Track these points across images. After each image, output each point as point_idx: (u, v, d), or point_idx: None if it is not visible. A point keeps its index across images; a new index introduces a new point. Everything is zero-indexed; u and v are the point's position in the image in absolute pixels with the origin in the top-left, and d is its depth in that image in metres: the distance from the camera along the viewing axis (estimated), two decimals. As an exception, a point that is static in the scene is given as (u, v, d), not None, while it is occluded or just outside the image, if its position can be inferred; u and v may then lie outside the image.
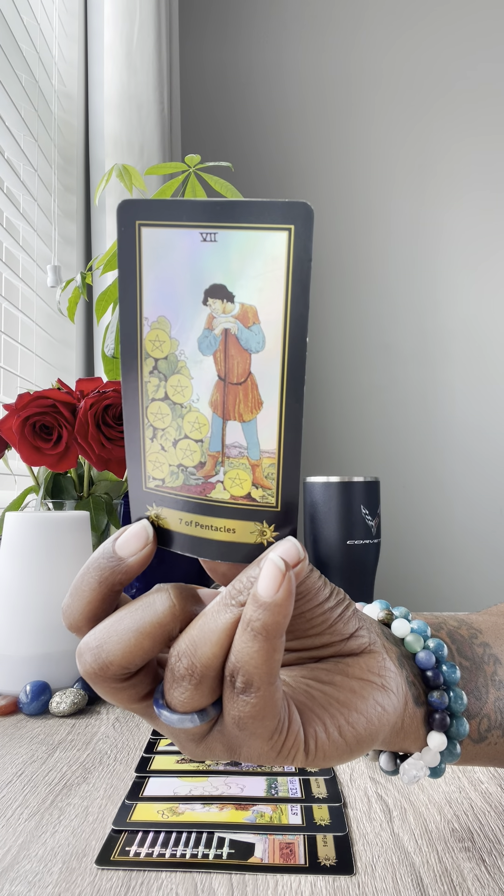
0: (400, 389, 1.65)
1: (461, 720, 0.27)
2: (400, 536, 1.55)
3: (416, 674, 0.28)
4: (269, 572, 0.21)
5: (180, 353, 0.23)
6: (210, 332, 0.22)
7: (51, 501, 0.71)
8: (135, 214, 0.22)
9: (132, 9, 1.19)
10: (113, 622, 0.23)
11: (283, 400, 0.22)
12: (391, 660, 0.26)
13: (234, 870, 0.30)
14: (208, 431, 0.23)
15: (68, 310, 0.79)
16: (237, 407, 0.22)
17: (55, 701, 0.52)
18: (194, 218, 0.21)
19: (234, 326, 0.22)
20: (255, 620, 0.21)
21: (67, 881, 0.30)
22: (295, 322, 0.21)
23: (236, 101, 1.68)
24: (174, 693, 0.22)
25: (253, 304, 0.21)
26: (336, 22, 1.69)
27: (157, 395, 0.24)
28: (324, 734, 0.24)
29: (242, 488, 0.23)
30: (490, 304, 1.65)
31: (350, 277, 1.66)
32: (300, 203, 0.20)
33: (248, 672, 0.21)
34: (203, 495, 0.24)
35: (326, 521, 0.69)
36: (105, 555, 0.24)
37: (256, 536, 0.23)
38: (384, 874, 0.30)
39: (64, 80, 1.19)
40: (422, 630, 0.29)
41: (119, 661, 0.22)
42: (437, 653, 0.28)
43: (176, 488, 0.24)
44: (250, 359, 0.22)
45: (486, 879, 0.30)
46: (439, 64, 1.68)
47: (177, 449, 0.24)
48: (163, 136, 1.23)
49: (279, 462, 0.22)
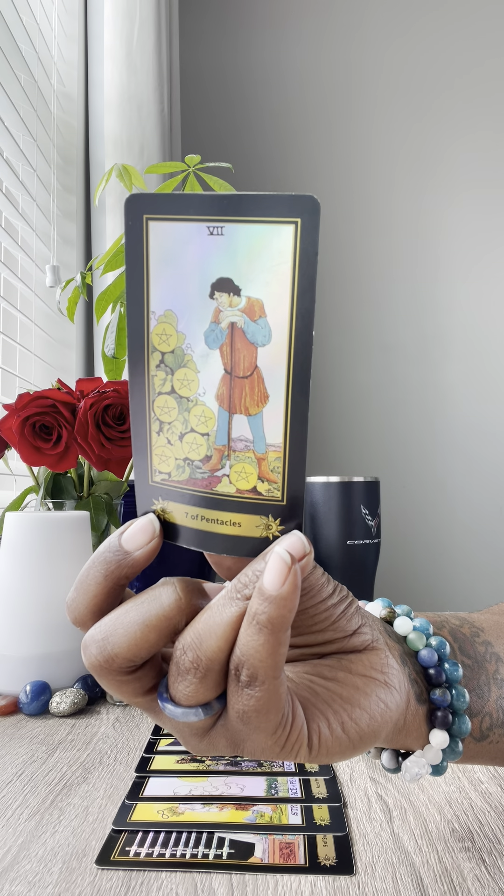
0: (400, 389, 1.65)
1: (463, 718, 0.27)
2: (400, 536, 1.55)
3: (419, 671, 0.28)
4: (275, 566, 0.21)
5: (187, 347, 0.23)
6: (216, 325, 0.22)
7: (51, 501, 0.71)
8: (142, 208, 0.22)
9: (132, 9, 1.19)
10: (119, 615, 0.23)
11: (289, 393, 0.22)
12: (394, 657, 0.27)
13: (234, 870, 0.30)
14: (214, 425, 0.23)
15: (68, 310, 0.79)
16: (243, 400, 0.22)
17: (55, 701, 0.52)
18: (201, 211, 0.21)
19: (241, 320, 0.22)
20: (260, 614, 0.21)
21: (67, 881, 0.30)
22: (301, 316, 0.21)
23: (236, 101, 1.68)
24: (179, 686, 0.22)
25: (259, 297, 0.21)
26: (336, 22, 1.69)
27: (164, 388, 0.23)
28: (327, 730, 0.24)
29: (248, 482, 0.23)
30: (490, 303, 1.65)
31: (350, 277, 1.66)
32: (307, 196, 0.20)
33: (253, 665, 0.21)
34: (209, 489, 0.24)
35: (326, 521, 0.69)
36: (111, 548, 0.23)
37: (262, 530, 0.23)
38: (384, 874, 0.30)
39: (63, 81, 1.19)
40: (424, 628, 0.29)
41: (125, 654, 0.22)
42: (440, 650, 0.28)
43: (182, 482, 0.24)
44: (256, 352, 0.22)
45: (486, 879, 0.30)
46: (439, 64, 1.67)
47: (183, 442, 0.24)
48: (163, 136, 1.23)
49: (285, 456, 0.22)
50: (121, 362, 0.73)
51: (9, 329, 1.03)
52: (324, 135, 1.68)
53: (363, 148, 1.68)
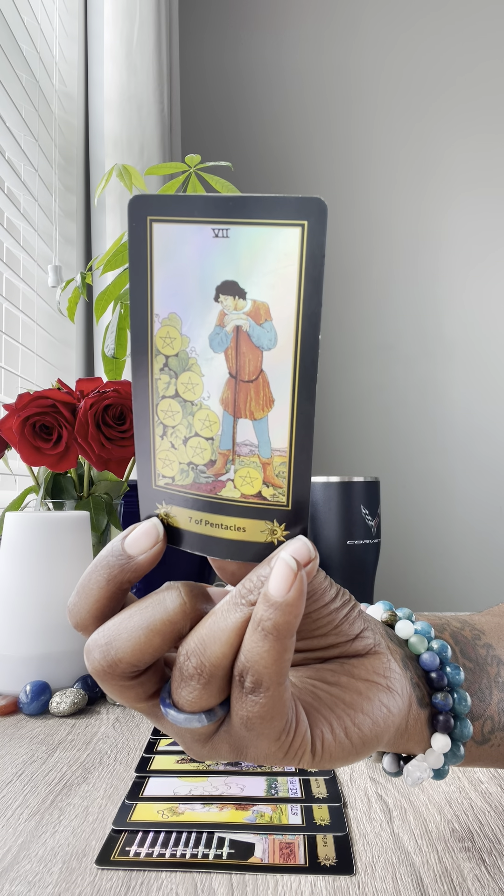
0: (400, 389, 1.65)
1: (465, 722, 0.27)
2: (400, 536, 1.55)
3: (420, 675, 0.28)
4: (281, 572, 0.21)
5: (191, 351, 0.22)
6: (221, 328, 0.22)
7: (51, 501, 0.71)
8: (146, 210, 0.22)
9: (132, 9, 1.19)
10: (122, 619, 0.23)
11: (294, 398, 0.21)
12: (396, 661, 0.26)
13: (234, 870, 0.30)
14: (219, 429, 0.23)
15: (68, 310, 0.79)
16: (248, 405, 0.22)
17: (55, 701, 0.52)
18: (206, 213, 0.21)
19: (246, 323, 0.21)
20: (265, 620, 0.21)
21: (67, 881, 0.30)
22: (307, 320, 0.20)
23: (236, 101, 1.68)
24: (182, 692, 0.22)
25: (265, 300, 0.21)
26: (336, 22, 1.69)
27: (168, 392, 0.23)
28: (330, 735, 0.24)
29: (253, 487, 0.23)
30: (490, 303, 1.65)
31: (350, 277, 1.66)
32: (314, 199, 0.19)
33: (257, 672, 0.21)
34: (213, 493, 0.23)
35: (326, 521, 0.69)
36: (114, 553, 0.23)
37: (267, 535, 0.23)
38: (384, 874, 0.30)
39: (64, 80, 1.19)
40: (426, 631, 0.29)
41: (128, 659, 0.22)
42: (441, 654, 0.28)
43: (186, 486, 0.24)
44: (262, 356, 0.21)
45: (486, 879, 0.30)
46: (440, 63, 1.67)
47: (187, 447, 0.23)
48: (163, 136, 1.23)
49: (290, 460, 0.22)
50: (121, 362, 0.73)
51: (11, 329, 1.03)
52: (324, 134, 1.68)
53: (363, 148, 1.68)
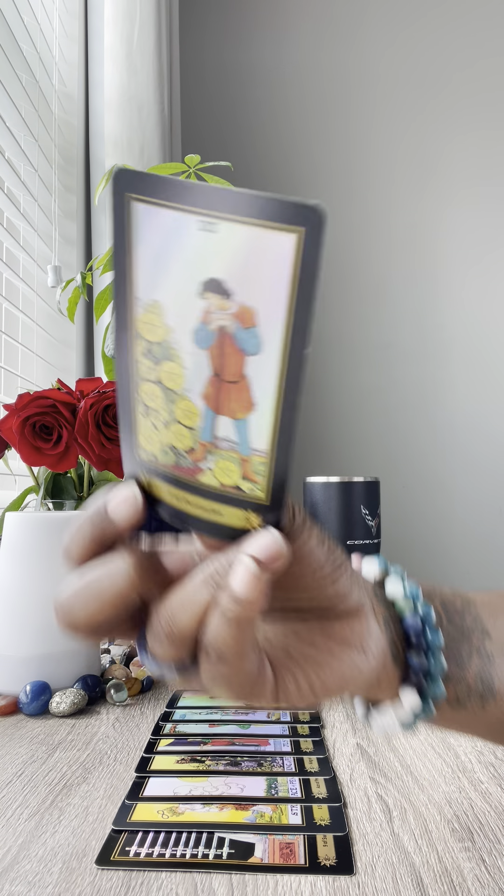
0: (400, 389, 1.65)
1: (437, 681, 0.27)
2: (400, 536, 1.55)
3: (400, 636, 0.28)
4: (243, 572, 0.22)
5: (174, 342, 0.21)
6: (205, 326, 0.21)
7: (51, 501, 0.71)
8: (127, 186, 0.20)
9: (132, 9, 1.19)
10: (79, 588, 0.24)
11: (278, 406, 0.20)
12: (377, 622, 0.27)
13: (234, 870, 0.30)
14: (199, 422, 0.22)
15: (68, 310, 0.79)
16: (229, 404, 0.21)
17: (55, 701, 0.52)
18: (195, 203, 0.19)
19: (231, 325, 0.20)
20: (227, 610, 0.22)
21: (67, 881, 0.30)
22: (296, 332, 0.19)
23: (236, 101, 1.68)
24: (154, 646, 0.24)
25: (252, 305, 0.20)
26: (336, 22, 1.69)
27: (150, 377, 0.23)
28: (294, 687, 0.25)
29: (231, 479, 0.22)
30: (490, 302, 1.65)
31: (350, 277, 1.66)
32: (313, 204, 0.18)
33: (218, 649, 0.22)
34: (192, 477, 0.23)
35: (326, 521, 0.69)
36: (98, 513, 0.25)
37: (243, 522, 0.23)
38: (384, 874, 0.30)
39: (64, 81, 1.19)
40: (413, 594, 0.29)
41: (85, 625, 0.24)
42: (425, 617, 0.28)
43: (168, 465, 0.24)
44: (244, 360, 0.20)
45: (486, 879, 0.30)
46: (438, 61, 1.68)
47: (168, 430, 0.23)
48: (163, 137, 1.23)
49: (271, 462, 0.21)
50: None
51: (11, 329, 1.03)
52: (323, 134, 1.68)
53: (363, 147, 1.68)
